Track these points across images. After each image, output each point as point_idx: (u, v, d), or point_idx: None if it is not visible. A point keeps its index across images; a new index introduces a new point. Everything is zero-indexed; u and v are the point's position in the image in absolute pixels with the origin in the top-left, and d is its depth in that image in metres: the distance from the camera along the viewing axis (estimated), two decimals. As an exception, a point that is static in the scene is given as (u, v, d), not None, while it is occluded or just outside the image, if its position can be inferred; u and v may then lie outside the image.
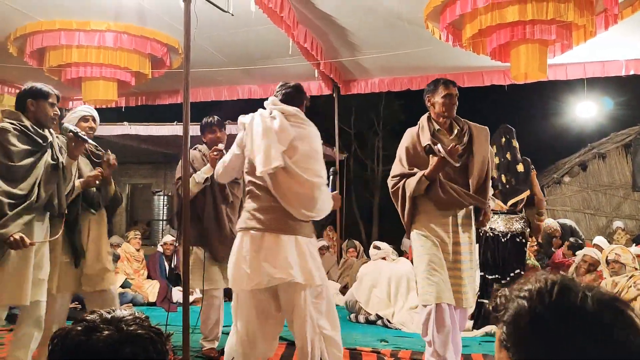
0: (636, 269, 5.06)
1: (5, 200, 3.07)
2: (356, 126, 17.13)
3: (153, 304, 6.85)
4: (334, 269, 7.67)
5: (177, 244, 5.09)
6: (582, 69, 7.17)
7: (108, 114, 4.41)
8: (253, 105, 3.38)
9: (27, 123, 3.24)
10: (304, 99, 3.31)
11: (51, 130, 3.43)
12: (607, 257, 5.23)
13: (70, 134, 3.43)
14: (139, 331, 1.10)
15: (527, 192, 5.25)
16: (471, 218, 3.54)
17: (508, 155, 5.29)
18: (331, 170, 3.36)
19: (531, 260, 6.35)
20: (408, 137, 3.58)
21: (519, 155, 5.29)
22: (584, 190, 11.99)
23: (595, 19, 5.02)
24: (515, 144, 5.31)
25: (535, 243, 7.16)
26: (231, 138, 3.33)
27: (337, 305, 6.44)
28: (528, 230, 5.36)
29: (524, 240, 5.27)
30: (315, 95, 8.41)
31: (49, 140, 3.35)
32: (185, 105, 3.95)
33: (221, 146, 4.19)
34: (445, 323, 3.33)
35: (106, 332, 1.08)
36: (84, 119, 3.93)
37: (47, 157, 3.29)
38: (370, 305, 5.71)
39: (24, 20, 5.72)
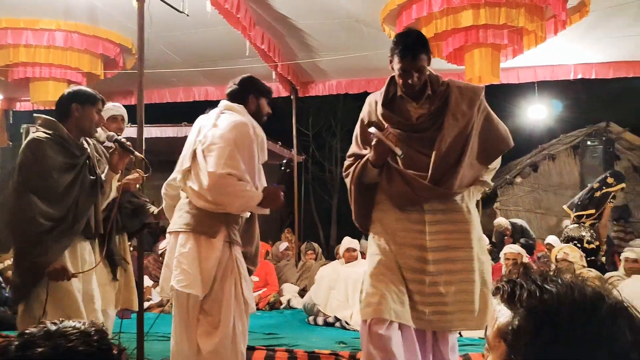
0: (584, 266, 5.29)
1: (44, 222, 2.66)
2: (314, 128, 17.14)
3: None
4: (292, 272, 7.64)
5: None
6: (532, 73, 7.38)
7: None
8: (210, 106, 3.25)
9: (64, 133, 2.80)
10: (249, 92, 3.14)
11: (88, 139, 2.99)
12: (556, 255, 5.44)
13: (116, 143, 2.95)
14: (80, 348, 1.04)
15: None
16: (454, 214, 2.62)
17: (597, 191, 6.63)
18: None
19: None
20: (366, 104, 2.90)
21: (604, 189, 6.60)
22: (535, 190, 12.32)
23: (545, 25, 5.18)
24: (610, 180, 6.67)
25: (489, 243, 7.41)
26: (184, 140, 3.13)
27: (295, 308, 6.52)
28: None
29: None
30: (273, 97, 8.37)
31: (87, 152, 2.91)
32: (139, 107, 3.87)
33: None
34: (384, 346, 2.44)
35: (39, 350, 1.02)
36: (112, 118, 3.51)
37: (85, 171, 2.85)
38: (328, 307, 5.71)
39: (-32, 17, 5.50)
